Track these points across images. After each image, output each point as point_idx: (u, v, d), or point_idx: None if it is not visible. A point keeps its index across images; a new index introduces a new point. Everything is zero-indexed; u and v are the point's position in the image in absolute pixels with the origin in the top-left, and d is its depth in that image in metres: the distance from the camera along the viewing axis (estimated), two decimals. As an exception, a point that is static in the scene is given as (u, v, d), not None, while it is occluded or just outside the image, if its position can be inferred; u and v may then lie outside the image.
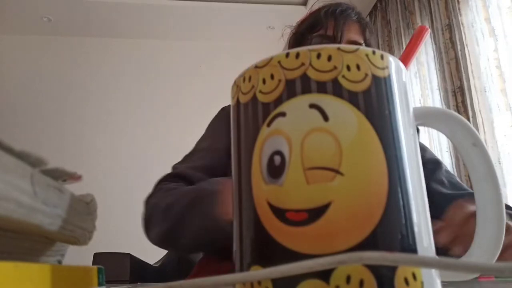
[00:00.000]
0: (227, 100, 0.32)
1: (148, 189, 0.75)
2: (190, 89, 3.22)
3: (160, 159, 2.93)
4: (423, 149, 0.85)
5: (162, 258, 0.89)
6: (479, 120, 1.84)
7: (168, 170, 0.77)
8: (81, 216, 0.26)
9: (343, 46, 0.21)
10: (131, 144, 3.01)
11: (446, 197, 0.72)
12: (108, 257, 0.61)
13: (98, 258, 0.58)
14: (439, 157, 2.15)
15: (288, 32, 0.88)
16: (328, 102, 0.20)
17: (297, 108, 0.20)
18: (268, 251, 0.19)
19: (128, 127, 3.07)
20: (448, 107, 2.03)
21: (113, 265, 0.57)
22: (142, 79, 3.21)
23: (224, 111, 0.89)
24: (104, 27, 3.14)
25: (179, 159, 0.81)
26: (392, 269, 0.17)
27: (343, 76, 0.20)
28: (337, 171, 0.18)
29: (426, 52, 2.27)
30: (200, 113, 3.27)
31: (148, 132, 3.06)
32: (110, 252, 0.63)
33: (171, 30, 3.21)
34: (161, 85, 3.21)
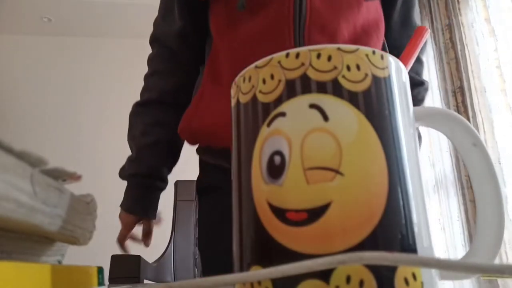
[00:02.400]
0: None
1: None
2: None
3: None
4: None
5: (159, 257, 0.94)
6: (479, 120, 1.84)
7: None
8: (81, 216, 0.26)
9: (343, 46, 0.21)
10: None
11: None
12: (123, 258, 0.72)
13: (114, 258, 0.66)
14: (439, 157, 2.16)
15: None
16: (328, 102, 0.20)
17: (297, 108, 0.20)
18: (268, 251, 0.19)
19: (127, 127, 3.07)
20: (448, 107, 2.03)
21: (127, 264, 0.65)
22: (142, 80, 3.21)
23: None
24: (104, 27, 3.14)
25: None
26: (392, 269, 0.17)
27: (343, 76, 0.20)
28: (337, 171, 0.18)
29: (426, 52, 2.27)
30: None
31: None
32: (124, 254, 0.75)
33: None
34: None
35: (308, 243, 0.18)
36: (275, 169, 0.19)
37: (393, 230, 0.18)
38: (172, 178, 1.10)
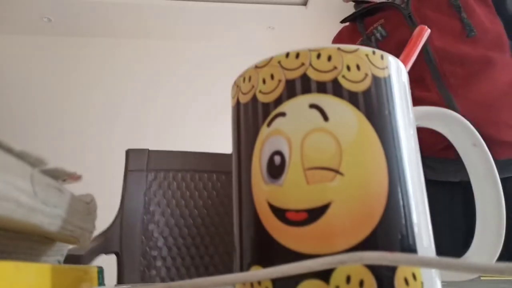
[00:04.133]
0: (227, 100, 0.32)
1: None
2: (190, 89, 3.22)
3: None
4: None
5: (108, 227, 1.00)
6: (479, 120, 1.83)
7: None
8: (81, 216, 0.26)
9: (343, 46, 0.21)
10: (131, 144, 3.01)
11: None
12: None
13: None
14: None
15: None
16: (328, 102, 0.20)
17: (297, 108, 0.20)
18: (268, 251, 0.19)
19: (127, 127, 3.07)
20: (448, 107, 2.02)
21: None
22: (142, 79, 3.21)
23: None
24: (104, 27, 3.14)
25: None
26: (392, 269, 0.17)
27: (343, 76, 0.20)
28: (337, 171, 0.18)
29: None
30: (201, 114, 3.27)
31: (148, 131, 3.06)
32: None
33: (171, 30, 3.21)
34: (161, 85, 3.21)
35: (308, 243, 0.18)
36: (275, 169, 0.20)
37: (393, 230, 0.18)
38: (125, 146, 1.08)
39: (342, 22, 1.00)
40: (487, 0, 0.85)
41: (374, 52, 0.21)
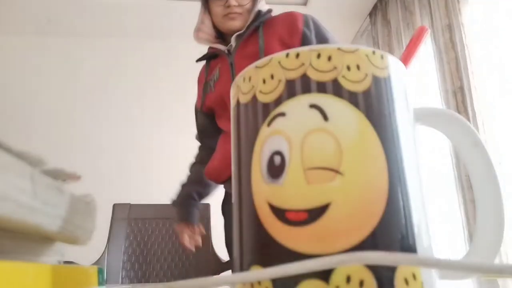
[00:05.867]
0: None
1: (148, 189, 0.79)
2: (189, 89, 3.21)
3: (160, 157, 2.93)
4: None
5: (96, 261, 1.35)
6: (479, 120, 1.84)
7: (168, 169, 0.80)
8: (81, 216, 0.26)
9: (343, 46, 0.21)
10: (131, 143, 3.01)
11: None
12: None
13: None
14: (439, 157, 2.16)
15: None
16: (328, 102, 0.20)
17: (297, 108, 0.20)
18: (268, 251, 0.19)
19: (127, 127, 3.07)
20: (448, 107, 2.02)
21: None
22: (142, 79, 3.21)
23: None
24: (104, 27, 3.14)
25: (179, 157, 0.86)
26: (392, 269, 0.17)
27: (343, 76, 0.20)
28: (337, 171, 0.18)
29: (426, 52, 2.27)
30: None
31: (148, 131, 3.06)
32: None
33: (171, 30, 3.21)
34: (161, 85, 3.21)
35: (308, 243, 0.18)
36: (275, 169, 0.19)
37: (393, 230, 0.18)
38: (111, 202, 1.48)
39: (196, 61, 1.19)
40: (290, 45, 0.94)
41: (374, 52, 0.21)
